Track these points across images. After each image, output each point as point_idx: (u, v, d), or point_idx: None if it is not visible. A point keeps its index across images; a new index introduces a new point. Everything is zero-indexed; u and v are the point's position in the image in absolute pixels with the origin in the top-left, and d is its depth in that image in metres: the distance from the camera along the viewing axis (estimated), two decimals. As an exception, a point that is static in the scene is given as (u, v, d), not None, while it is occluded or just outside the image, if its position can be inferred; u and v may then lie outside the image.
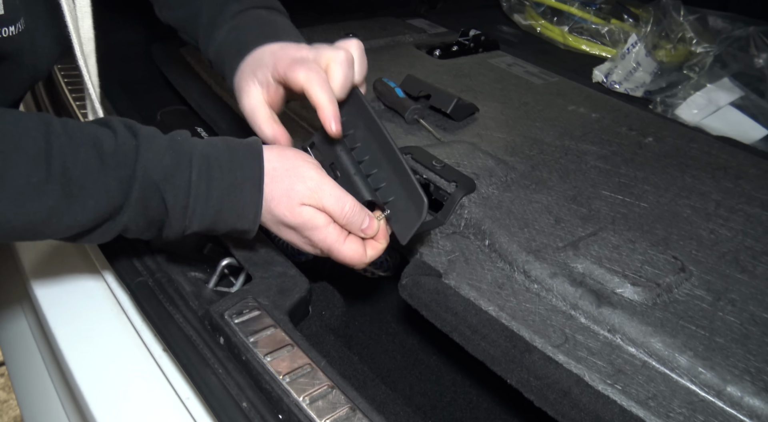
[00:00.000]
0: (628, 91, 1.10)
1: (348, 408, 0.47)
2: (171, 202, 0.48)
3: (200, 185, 0.49)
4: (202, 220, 0.50)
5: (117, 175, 0.46)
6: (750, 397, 0.46)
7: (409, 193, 0.53)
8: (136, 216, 0.48)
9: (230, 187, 0.50)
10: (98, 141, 0.46)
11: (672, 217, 0.67)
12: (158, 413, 0.53)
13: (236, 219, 0.52)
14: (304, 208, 0.52)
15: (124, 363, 0.57)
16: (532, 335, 0.51)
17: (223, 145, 0.52)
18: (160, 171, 0.48)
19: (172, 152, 0.49)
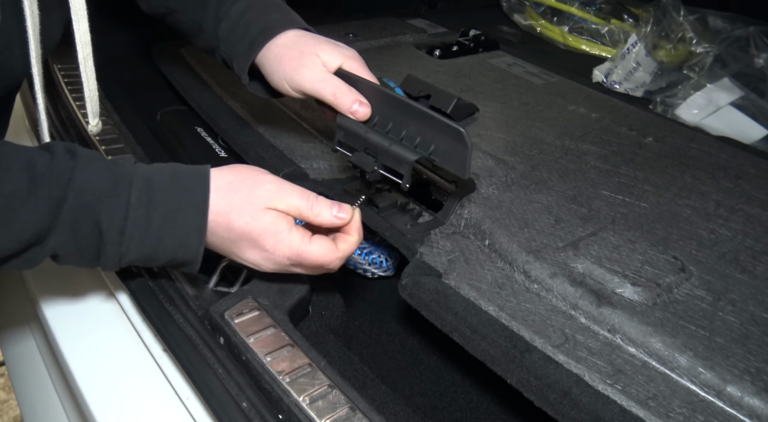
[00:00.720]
0: (628, 91, 1.10)
1: (348, 408, 0.47)
2: (106, 225, 0.46)
3: (139, 208, 0.46)
4: (141, 247, 0.47)
5: (47, 196, 0.44)
6: (750, 397, 0.46)
7: (444, 131, 0.54)
8: (64, 240, 0.46)
9: (172, 211, 0.47)
10: (32, 162, 0.44)
11: (672, 217, 0.67)
12: (158, 413, 0.53)
13: (177, 247, 0.49)
14: (268, 212, 0.50)
15: (124, 363, 0.57)
16: (532, 335, 0.51)
17: (168, 169, 0.50)
18: (95, 192, 0.45)
19: (110, 173, 0.47)
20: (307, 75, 0.59)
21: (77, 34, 0.56)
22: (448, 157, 0.55)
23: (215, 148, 0.89)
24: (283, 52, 0.60)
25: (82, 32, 0.57)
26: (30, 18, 0.50)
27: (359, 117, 0.58)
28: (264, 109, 0.85)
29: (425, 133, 0.56)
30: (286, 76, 0.59)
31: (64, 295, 0.62)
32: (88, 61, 0.59)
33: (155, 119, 0.94)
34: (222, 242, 0.51)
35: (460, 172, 0.54)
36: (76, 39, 0.56)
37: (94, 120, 0.63)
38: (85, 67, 0.59)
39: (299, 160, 0.73)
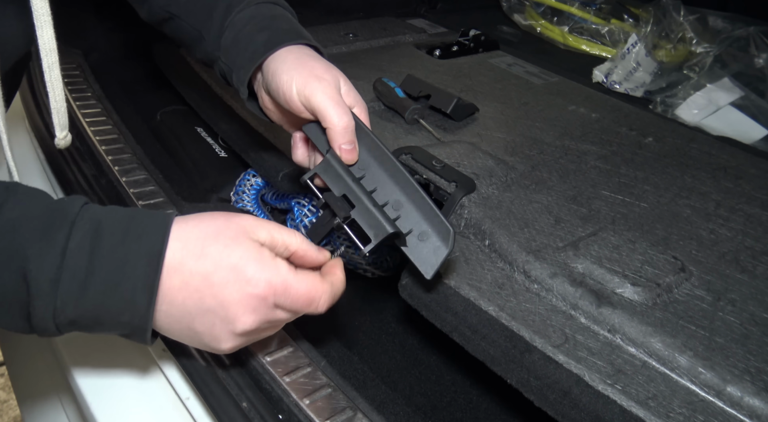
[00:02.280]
0: (628, 91, 1.10)
1: (348, 408, 0.47)
2: (34, 272, 0.37)
3: (79, 255, 0.38)
4: (80, 303, 0.39)
5: None
6: (750, 397, 0.46)
7: (432, 222, 0.50)
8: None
9: (119, 261, 0.39)
10: None
11: (672, 217, 0.67)
12: (158, 413, 0.53)
13: (123, 307, 0.40)
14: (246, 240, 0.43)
15: (124, 363, 0.57)
16: (532, 335, 0.51)
17: (123, 212, 0.42)
18: (24, 234, 0.38)
19: (49, 212, 0.39)
20: (322, 88, 0.52)
21: (41, 41, 0.51)
22: (419, 248, 0.50)
23: (215, 148, 0.89)
24: (299, 60, 0.54)
25: (46, 39, 0.51)
26: None
27: (344, 157, 0.52)
28: (264, 109, 0.85)
29: (409, 212, 0.51)
30: (299, 81, 0.52)
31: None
32: (53, 69, 0.53)
33: (155, 119, 0.94)
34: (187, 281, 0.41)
35: (425, 270, 0.49)
36: (39, 46, 0.51)
37: (61, 133, 0.58)
38: (51, 77, 0.53)
39: (299, 160, 0.73)
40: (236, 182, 0.82)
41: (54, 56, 0.52)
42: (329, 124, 0.51)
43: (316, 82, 0.52)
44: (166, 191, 0.69)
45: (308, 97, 0.51)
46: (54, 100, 0.55)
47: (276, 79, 0.53)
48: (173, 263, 0.41)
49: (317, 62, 0.54)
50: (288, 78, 0.52)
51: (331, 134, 0.52)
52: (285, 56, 0.54)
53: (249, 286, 0.41)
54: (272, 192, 0.80)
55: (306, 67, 0.53)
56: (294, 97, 0.52)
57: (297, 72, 0.52)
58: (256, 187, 0.80)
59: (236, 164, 0.85)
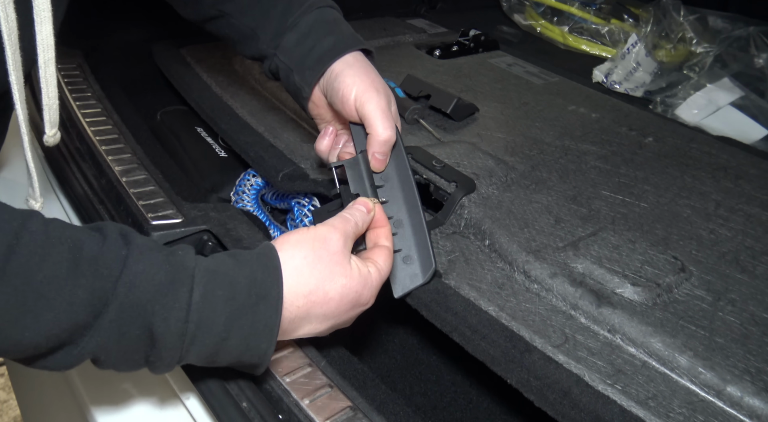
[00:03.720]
0: (628, 91, 1.10)
1: (348, 408, 0.47)
2: (161, 328, 0.39)
3: (204, 307, 0.40)
4: (202, 350, 0.41)
5: (90, 288, 0.37)
6: (750, 397, 0.46)
7: (420, 251, 0.55)
8: (107, 344, 0.39)
9: (240, 308, 0.42)
10: (78, 243, 0.38)
11: (672, 217, 0.67)
12: (158, 413, 0.53)
13: (244, 349, 0.43)
14: (350, 263, 0.48)
15: (124, 363, 0.57)
16: (532, 335, 0.51)
17: (230, 258, 0.44)
18: (149, 289, 0.39)
19: (169, 266, 0.40)
20: (377, 101, 0.57)
21: (39, 37, 0.51)
22: (400, 268, 0.55)
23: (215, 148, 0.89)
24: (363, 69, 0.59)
25: (44, 35, 0.51)
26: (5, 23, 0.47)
27: (373, 164, 0.58)
28: (264, 109, 0.85)
29: (406, 235, 0.56)
30: (359, 89, 0.58)
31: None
32: (49, 66, 0.53)
33: (155, 119, 0.94)
34: (310, 323, 0.47)
35: (396, 288, 0.55)
36: (37, 41, 0.51)
37: (51, 130, 0.58)
38: (46, 73, 0.53)
39: (299, 160, 0.73)
40: (236, 182, 0.82)
41: (51, 53, 0.53)
42: (374, 132, 0.57)
43: (375, 93, 0.57)
44: (166, 191, 0.69)
45: (364, 104, 0.57)
46: (47, 96, 0.55)
47: (338, 82, 0.58)
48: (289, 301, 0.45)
49: (376, 75, 0.60)
50: (351, 83, 0.58)
51: (372, 141, 0.57)
52: (350, 62, 0.60)
53: (363, 305, 0.49)
54: (272, 192, 0.80)
55: (368, 77, 0.59)
56: (351, 101, 0.58)
57: (360, 79, 0.58)
58: (256, 187, 0.80)
59: (236, 164, 0.85)
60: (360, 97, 0.57)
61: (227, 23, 0.66)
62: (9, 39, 0.48)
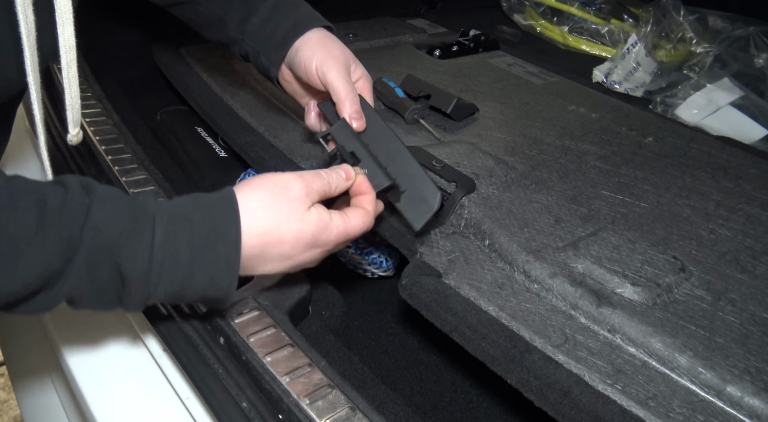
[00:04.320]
0: (628, 91, 1.10)
1: (348, 408, 0.47)
2: (128, 267, 0.42)
3: (165, 247, 0.43)
4: (169, 287, 0.44)
5: (58, 236, 0.40)
6: (750, 397, 0.46)
7: (422, 185, 0.57)
8: (80, 285, 0.42)
9: (201, 246, 0.44)
10: (42, 197, 0.41)
11: (672, 217, 0.67)
12: (158, 413, 0.53)
13: (208, 285, 0.46)
14: (311, 210, 0.50)
15: (124, 363, 0.57)
16: (532, 335, 0.51)
17: (190, 200, 0.47)
18: (113, 232, 0.42)
19: (130, 210, 0.43)
20: (336, 68, 0.61)
21: (61, 39, 0.53)
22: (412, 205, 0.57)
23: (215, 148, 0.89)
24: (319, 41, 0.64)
25: (66, 37, 0.53)
26: (24, 25, 0.48)
27: (354, 125, 0.60)
28: (264, 109, 0.85)
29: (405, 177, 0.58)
30: (318, 61, 0.62)
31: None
32: (71, 66, 0.55)
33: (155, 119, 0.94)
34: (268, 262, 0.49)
35: (415, 223, 0.57)
36: (60, 43, 0.53)
37: (74, 129, 0.60)
38: (68, 74, 0.55)
39: (299, 160, 0.73)
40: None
41: (73, 54, 0.55)
42: (339, 97, 0.60)
43: (333, 62, 0.61)
44: (166, 191, 0.69)
45: (324, 74, 0.61)
46: (70, 96, 0.57)
47: (299, 57, 0.63)
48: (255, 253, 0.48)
49: (334, 44, 0.64)
50: (310, 55, 0.62)
51: (340, 106, 0.61)
52: (309, 37, 0.64)
53: (321, 248, 0.51)
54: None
55: (325, 48, 0.63)
56: (313, 72, 0.62)
57: (318, 51, 0.62)
58: (256, 187, 0.80)
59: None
60: (320, 67, 0.61)
61: (193, 9, 0.69)
62: (28, 40, 0.49)
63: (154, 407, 0.53)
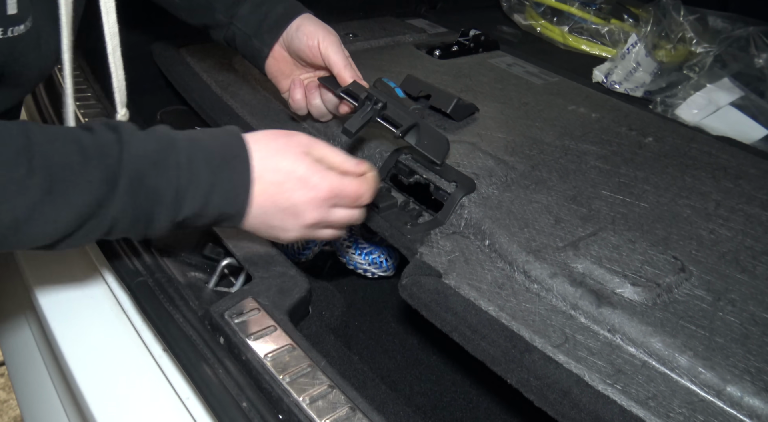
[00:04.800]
0: (628, 91, 1.10)
1: (348, 408, 0.47)
2: (162, 186, 0.47)
3: (190, 167, 0.48)
4: (193, 203, 0.49)
5: (101, 166, 0.45)
6: (750, 397, 0.46)
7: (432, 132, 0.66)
8: (125, 208, 0.47)
9: (219, 166, 0.50)
10: (77, 137, 0.45)
11: (672, 217, 0.67)
12: (158, 413, 0.53)
13: (225, 202, 0.51)
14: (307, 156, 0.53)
15: (124, 363, 0.57)
16: (532, 335, 0.51)
17: (202, 132, 0.52)
18: (145, 158, 0.47)
19: (155, 140, 0.48)
20: (336, 43, 0.70)
21: (106, 27, 0.58)
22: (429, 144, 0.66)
23: (215, 148, 0.89)
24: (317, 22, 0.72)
25: (111, 24, 0.58)
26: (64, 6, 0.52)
27: None
28: (264, 109, 0.85)
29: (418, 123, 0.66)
30: (321, 36, 0.69)
31: (64, 295, 0.62)
32: (116, 51, 0.60)
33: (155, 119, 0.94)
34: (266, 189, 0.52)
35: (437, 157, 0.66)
36: (105, 31, 0.58)
37: (122, 110, 0.65)
38: (114, 58, 0.60)
39: (299, 160, 0.73)
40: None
41: (116, 40, 0.60)
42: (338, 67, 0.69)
43: (333, 37, 0.70)
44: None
45: (327, 47, 0.69)
46: (116, 79, 0.62)
47: (301, 32, 0.70)
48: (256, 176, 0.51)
49: (327, 25, 0.72)
50: (314, 30, 0.70)
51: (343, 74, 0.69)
52: (306, 17, 0.72)
53: (313, 191, 0.53)
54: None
55: (324, 27, 0.71)
56: (316, 46, 0.70)
57: (319, 28, 0.71)
58: (256, 187, 0.80)
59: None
60: (322, 41, 0.69)
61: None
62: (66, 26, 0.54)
63: (154, 407, 0.53)
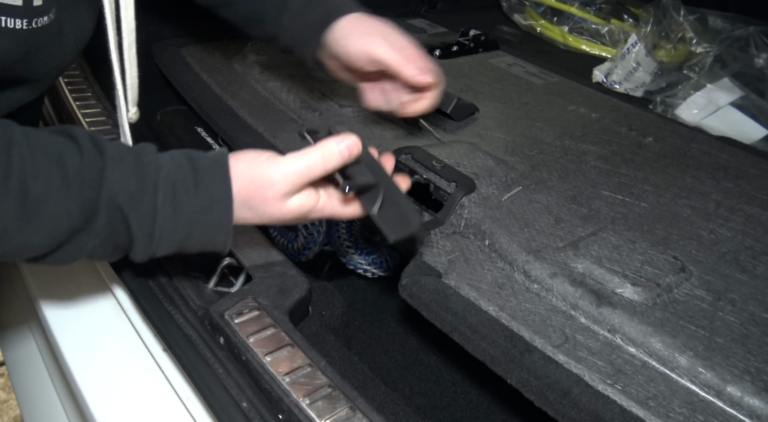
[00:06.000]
0: (628, 91, 1.10)
1: (348, 408, 0.47)
2: (136, 228, 0.47)
3: (166, 210, 0.47)
4: (170, 245, 0.49)
5: (80, 197, 0.44)
6: (750, 397, 0.46)
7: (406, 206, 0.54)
8: (102, 242, 0.47)
9: (198, 211, 0.48)
10: (62, 158, 0.44)
11: (672, 217, 0.67)
12: (158, 413, 0.53)
13: (206, 243, 0.50)
14: (291, 202, 0.50)
15: (124, 363, 0.57)
16: (532, 335, 0.51)
17: (188, 165, 0.49)
18: (125, 196, 0.46)
19: (138, 176, 0.47)
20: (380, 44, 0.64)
21: (124, 22, 0.57)
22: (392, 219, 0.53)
23: (215, 148, 0.89)
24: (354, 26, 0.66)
25: (129, 20, 0.58)
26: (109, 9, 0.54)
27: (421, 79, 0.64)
28: (264, 109, 0.85)
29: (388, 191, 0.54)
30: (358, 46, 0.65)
31: (63, 297, 0.62)
32: (132, 48, 0.59)
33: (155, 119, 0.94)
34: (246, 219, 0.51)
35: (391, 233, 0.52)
36: (122, 25, 0.57)
37: (133, 108, 0.64)
38: (129, 55, 0.59)
39: (299, 160, 0.73)
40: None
41: (133, 35, 0.59)
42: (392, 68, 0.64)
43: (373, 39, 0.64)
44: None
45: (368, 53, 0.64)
46: (130, 76, 0.61)
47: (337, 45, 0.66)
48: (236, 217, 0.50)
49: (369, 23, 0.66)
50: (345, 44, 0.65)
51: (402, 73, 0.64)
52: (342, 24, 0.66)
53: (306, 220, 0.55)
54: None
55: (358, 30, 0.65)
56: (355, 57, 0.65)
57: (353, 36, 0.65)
58: (256, 187, 0.80)
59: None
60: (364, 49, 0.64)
61: (233, 9, 0.73)
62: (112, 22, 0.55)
63: (154, 407, 0.53)
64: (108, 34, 0.55)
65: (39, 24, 0.48)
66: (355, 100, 0.85)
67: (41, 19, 0.48)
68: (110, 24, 0.55)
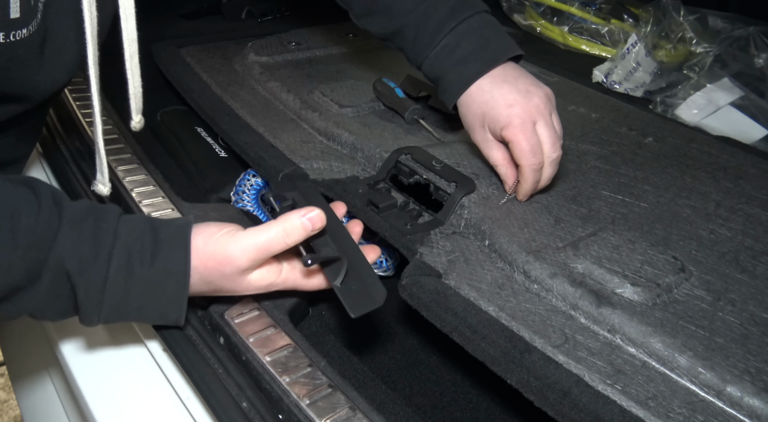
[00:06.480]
0: (628, 91, 1.10)
1: (348, 408, 0.47)
2: (82, 294, 0.45)
3: (117, 280, 0.46)
4: (120, 315, 0.48)
5: (27, 256, 0.43)
6: (750, 397, 0.46)
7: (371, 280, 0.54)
8: (43, 305, 0.46)
9: (152, 283, 0.47)
10: (17, 213, 0.42)
11: (672, 217, 0.67)
12: (158, 413, 0.53)
13: (158, 317, 0.50)
14: (251, 276, 0.51)
15: (124, 363, 0.57)
16: (532, 335, 0.51)
17: (149, 233, 0.48)
18: (75, 261, 0.45)
19: (93, 241, 0.46)
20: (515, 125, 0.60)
21: (125, 32, 0.57)
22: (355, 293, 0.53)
23: (215, 148, 0.89)
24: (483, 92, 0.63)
25: (129, 30, 0.57)
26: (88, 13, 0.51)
27: None
28: (264, 109, 0.85)
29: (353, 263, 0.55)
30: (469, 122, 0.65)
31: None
32: (134, 57, 0.59)
33: (155, 119, 0.94)
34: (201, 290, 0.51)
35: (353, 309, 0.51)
36: (123, 36, 0.57)
37: (137, 116, 0.64)
38: (131, 64, 0.59)
39: (299, 160, 0.73)
40: (236, 182, 0.82)
41: (135, 46, 0.58)
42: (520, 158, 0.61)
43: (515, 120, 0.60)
44: (166, 191, 0.69)
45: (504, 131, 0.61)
46: (133, 85, 0.61)
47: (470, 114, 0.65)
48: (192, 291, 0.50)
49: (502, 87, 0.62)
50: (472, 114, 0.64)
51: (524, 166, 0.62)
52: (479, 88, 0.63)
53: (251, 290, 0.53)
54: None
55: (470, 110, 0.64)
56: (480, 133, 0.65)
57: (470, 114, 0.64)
58: (256, 187, 0.80)
59: (236, 164, 0.85)
60: (497, 120, 0.61)
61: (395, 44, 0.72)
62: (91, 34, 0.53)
63: (154, 407, 0.53)
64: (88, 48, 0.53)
65: (17, 37, 0.46)
66: (355, 100, 0.85)
67: (19, 32, 0.46)
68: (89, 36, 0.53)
